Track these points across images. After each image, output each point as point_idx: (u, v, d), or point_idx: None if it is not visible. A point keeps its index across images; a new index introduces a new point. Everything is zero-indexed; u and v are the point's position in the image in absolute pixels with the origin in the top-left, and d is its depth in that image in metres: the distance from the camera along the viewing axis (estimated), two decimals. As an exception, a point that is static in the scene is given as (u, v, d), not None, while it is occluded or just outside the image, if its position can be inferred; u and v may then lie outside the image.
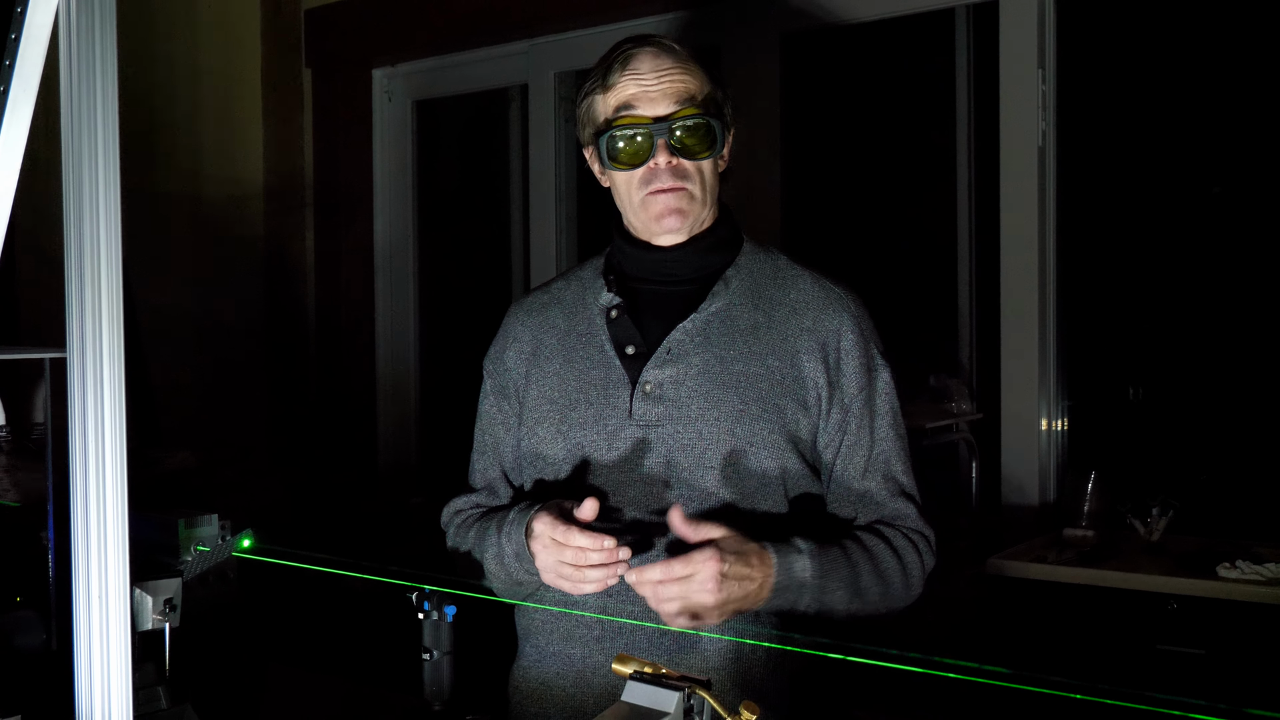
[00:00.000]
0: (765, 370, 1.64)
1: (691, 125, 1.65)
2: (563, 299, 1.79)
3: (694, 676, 1.28)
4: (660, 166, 1.65)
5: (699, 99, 1.67)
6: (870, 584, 1.61)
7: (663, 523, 1.59)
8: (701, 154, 1.67)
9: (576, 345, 1.73)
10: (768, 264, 1.76)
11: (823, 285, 1.73)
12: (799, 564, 1.54)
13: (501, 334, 1.83)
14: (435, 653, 1.62)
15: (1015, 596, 2.59)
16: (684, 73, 1.67)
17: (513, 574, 1.63)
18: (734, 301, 1.70)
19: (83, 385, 1.23)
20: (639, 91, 1.65)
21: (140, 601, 1.51)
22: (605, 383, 1.68)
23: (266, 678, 1.87)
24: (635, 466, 1.63)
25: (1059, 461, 3.07)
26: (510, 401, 1.78)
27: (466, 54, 3.98)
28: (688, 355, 1.66)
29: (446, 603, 1.63)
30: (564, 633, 1.66)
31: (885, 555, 1.63)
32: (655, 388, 1.65)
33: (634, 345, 1.68)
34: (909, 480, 1.71)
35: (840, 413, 1.67)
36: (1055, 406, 3.06)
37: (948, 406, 3.11)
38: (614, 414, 1.65)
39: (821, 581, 1.56)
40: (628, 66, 1.66)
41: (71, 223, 1.26)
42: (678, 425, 1.62)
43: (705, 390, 1.63)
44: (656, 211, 1.67)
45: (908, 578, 1.66)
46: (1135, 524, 2.72)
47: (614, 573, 1.52)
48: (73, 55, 1.24)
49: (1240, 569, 2.40)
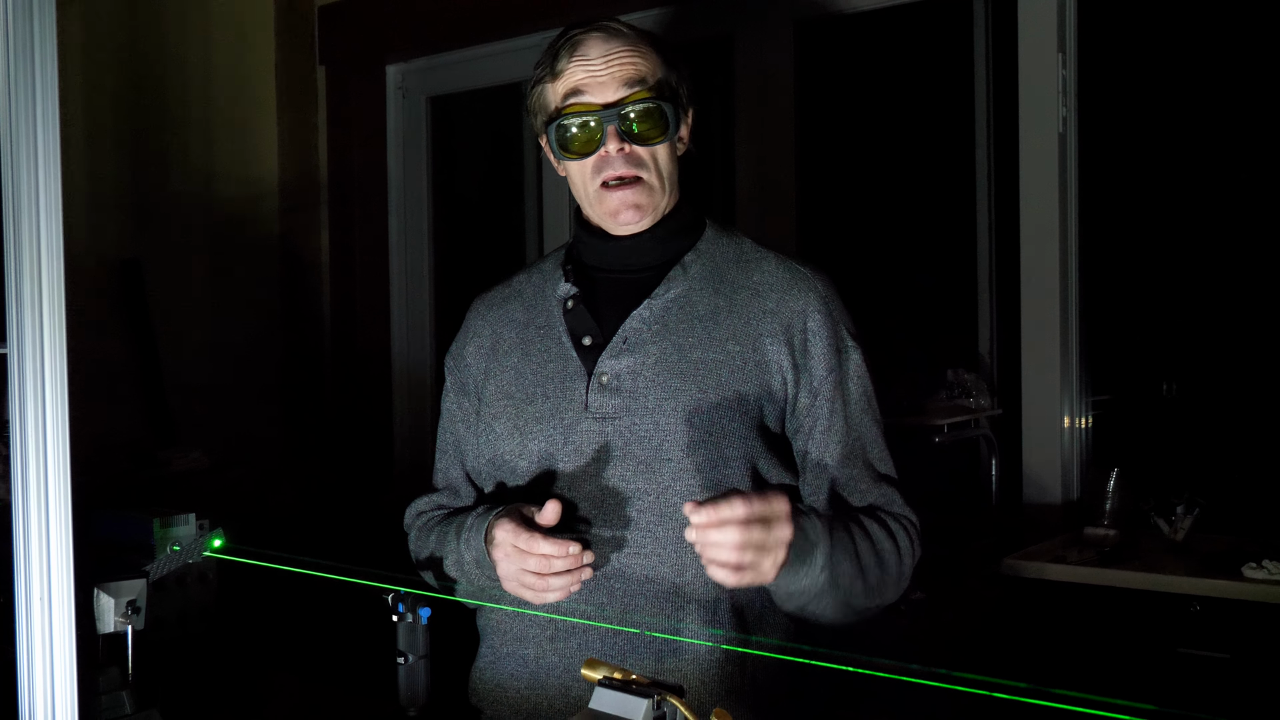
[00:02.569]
0: (725, 356, 1.58)
1: (643, 110, 1.59)
2: (523, 292, 1.75)
3: (666, 683, 1.23)
4: (612, 154, 1.60)
5: (650, 82, 1.61)
6: (870, 565, 1.55)
7: (622, 520, 1.55)
8: (654, 139, 1.61)
9: (534, 338, 1.68)
10: (731, 247, 1.69)
11: (787, 266, 1.66)
12: (811, 525, 1.48)
13: (462, 330, 1.80)
14: (410, 656, 1.58)
15: (1033, 597, 2.50)
16: (634, 55, 1.61)
17: (473, 580, 1.60)
18: (693, 287, 1.64)
19: (21, 381, 1.19)
20: (587, 77, 1.60)
21: (102, 603, 1.47)
22: (562, 375, 1.63)
23: (241, 682, 1.83)
24: (592, 461, 1.58)
25: (1082, 458, 2.98)
26: (470, 398, 1.74)
27: (481, 49, 3.93)
28: (645, 344, 1.60)
29: (421, 605, 1.59)
30: (517, 633, 1.62)
31: (882, 538, 1.57)
32: (612, 379, 1.60)
33: (591, 336, 1.64)
34: (888, 466, 1.65)
35: (809, 397, 1.60)
36: (1079, 402, 2.97)
37: (966, 402, 3.03)
38: (570, 407, 1.61)
39: (831, 552, 1.49)
40: (576, 52, 1.61)
41: (9, 214, 1.21)
42: (635, 417, 1.57)
43: (663, 380, 1.58)
44: (612, 207, 1.62)
45: (902, 571, 1.60)
46: (1159, 523, 2.62)
47: (578, 579, 1.48)
48: (10, 44, 1.20)
49: (1267, 569, 2.31)
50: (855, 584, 1.53)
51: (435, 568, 1.67)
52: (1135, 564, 2.48)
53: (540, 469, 1.62)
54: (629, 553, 1.56)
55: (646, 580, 1.56)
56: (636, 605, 1.56)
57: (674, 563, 1.55)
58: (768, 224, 3.30)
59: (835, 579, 1.50)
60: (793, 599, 1.53)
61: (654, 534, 1.56)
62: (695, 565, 1.55)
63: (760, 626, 1.61)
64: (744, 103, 3.41)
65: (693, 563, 1.54)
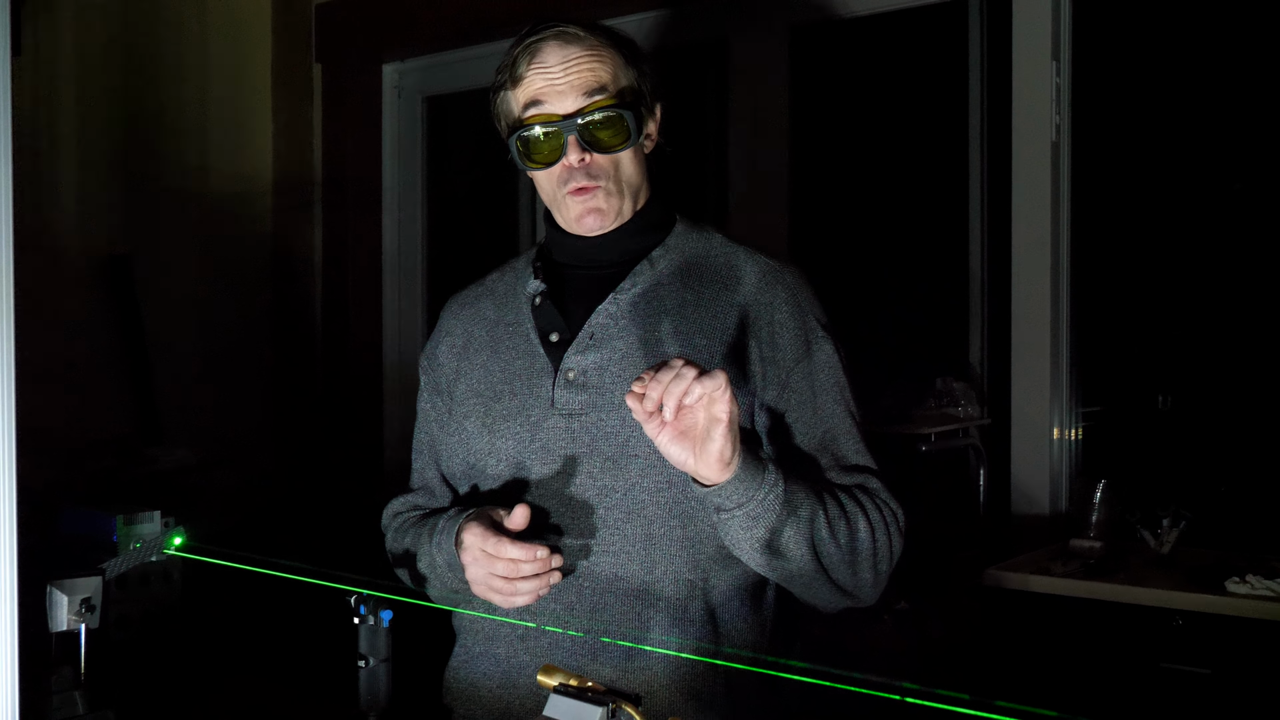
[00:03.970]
0: (693, 350, 1.57)
1: (603, 118, 1.58)
2: (495, 290, 1.75)
3: (622, 690, 1.21)
4: (574, 164, 1.58)
5: (611, 89, 1.59)
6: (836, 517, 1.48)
7: (590, 518, 1.53)
8: (616, 147, 1.59)
9: (504, 335, 1.68)
10: (700, 242, 1.68)
11: (756, 259, 1.65)
12: (758, 449, 1.45)
13: (436, 329, 1.80)
14: (371, 659, 1.56)
15: (1016, 609, 2.47)
16: (593, 61, 1.60)
17: (446, 584, 1.59)
18: (661, 281, 1.63)
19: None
20: (546, 86, 1.58)
21: (55, 601, 1.46)
22: (529, 372, 1.62)
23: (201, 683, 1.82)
24: (559, 458, 1.56)
25: (1072, 469, 2.95)
26: (443, 398, 1.74)
27: (478, 48, 3.92)
28: (611, 339, 1.59)
29: (383, 608, 1.57)
30: (489, 633, 1.61)
31: (847, 500, 1.51)
32: (579, 374, 1.58)
33: (558, 332, 1.63)
34: (864, 457, 1.60)
35: (778, 389, 1.58)
36: (1069, 413, 2.94)
37: (955, 411, 3.00)
38: (537, 404, 1.60)
39: (784, 477, 1.44)
40: (534, 59, 1.60)
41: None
42: (601, 413, 1.56)
43: (629, 374, 1.56)
44: (575, 214, 1.62)
45: (876, 550, 1.51)
46: (1145, 535, 2.60)
47: (547, 583, 1.47)
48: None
49: (1251, 584, 2.28)
50: (819, 523, 1.45)
51: (410, 568, 1.66)
52: (1119, 576, 2.45)
53: (509, 466, 1.61)
54: (597, 551, 1.54)
55: (615, 579, 1.54)
56: (605, 604, 1.54)
57: (643, 561, 1.53)
58: (760, 228, 3.29)
59: (794, 507, 1.43)
60: (757, 524, 1.43)
61: (622, 531, 1.54)
62: (665, 563, 1.53)
63: (734, 626, 1.58)
64: (738, 107, 3.39)
65: (662, 560, 1.53)
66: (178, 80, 3.83)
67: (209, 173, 3.92)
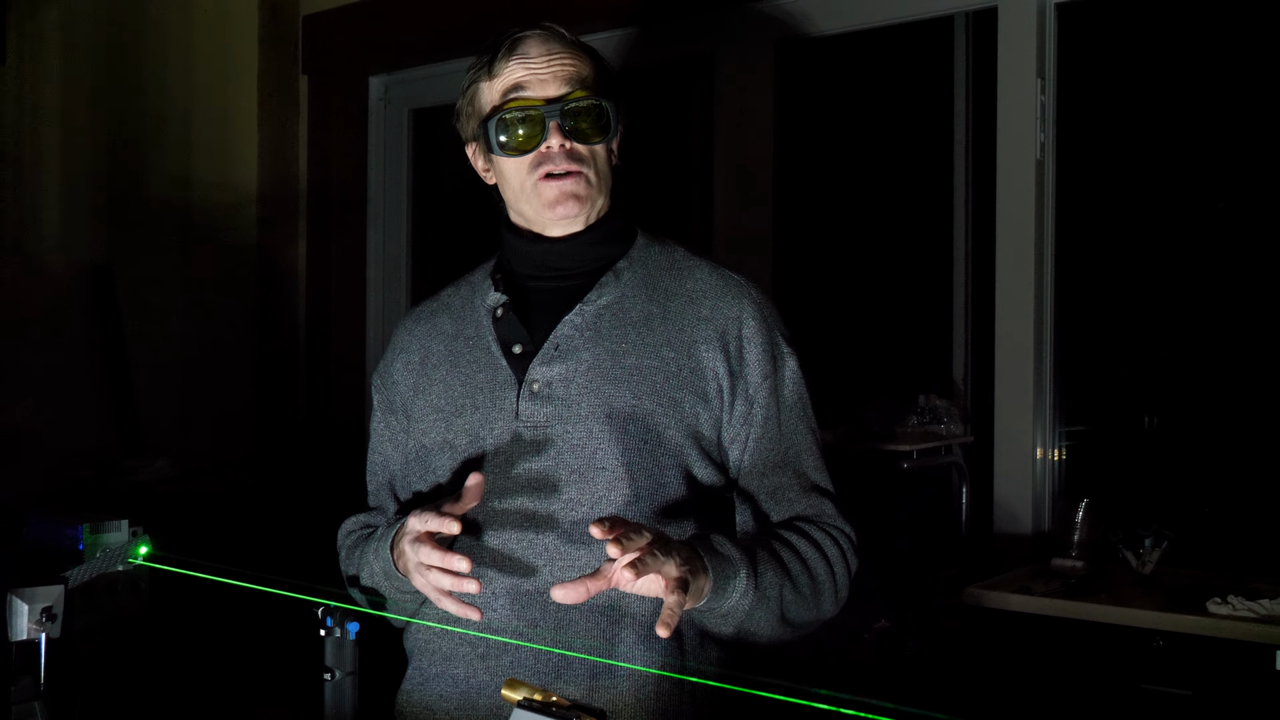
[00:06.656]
0: (660, 363, 1.55)
1: (584, 107, 1.58)
2: (451, 304, 1.74)
3: (587, 706, 1.19)
4: (554, 149, 1.58)
5: (590, 83, 1.60)
6: (798, 573, 1.51)
7: (555, 532, 1.51)
8: (595, 138, 1.60)
9: (464, 349, 1.65)
10: (663, 255, 1.68)
11: (721, 273, 1.65)
12: (722, 543, 1.44)
13: (390, 347, 1.78)
14: (337, 672, 1.54)
15: (996, 628, 2.45)
16: (573, 57, 1.61)
17: (386, 593, 1.57)
18: (626, 293, 1.61)
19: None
20: (528, 75, 1.58)
21: (15, 609, 1.43)
22: (492, 385, 1.60)
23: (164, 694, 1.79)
24: (524, 470, 1.54)
25: (1055, 488, 2.94)
26: (397, 416, 1.72)
27: (465, 62, 3.88)
28: (577, 351, 1.57)
29: (349, 620, 1.55)
30: (446, 652, 1.57)
31: (805, 547, 1.53)
32: (543, 386, 1.56)
33: (521, 344, 1.61)
34: (823, 476, 1.62)
35: (745, 404, 1.58)
36: (1052, 432, 2.93)
37: (938, 428, 2.99)
38: (500, 416, 1.57)
39: (753, 565, 1.45)
40: (515, 52, 1.60)
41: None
42: (567, 425, 1.54)
43: (595, 386, 1.54)
44: (551, 198, 1.60)
45: (836, 582, 1.56)
46: (1127, 555, 2.58)
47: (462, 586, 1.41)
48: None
49: (1232, 605, 2.26)
50: (786, 593, 1.49)
51: (358, 585, 1.64)
52: (1100, 596, 2.43)
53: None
54: (562, 566, 1.51)
55: None
56: (571, 620, 1.51)
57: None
58: (746, 243, 3.27)
59: (763, 592, 1.46)
60: (727, 620, 1.48)
61: (588, 546, 1.51)
62: None
63: (700, 644, 1.56)
64: (723, 123, 3.38)
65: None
66: (163, 90, 3.82)
67: (193, 183, 3.90)
